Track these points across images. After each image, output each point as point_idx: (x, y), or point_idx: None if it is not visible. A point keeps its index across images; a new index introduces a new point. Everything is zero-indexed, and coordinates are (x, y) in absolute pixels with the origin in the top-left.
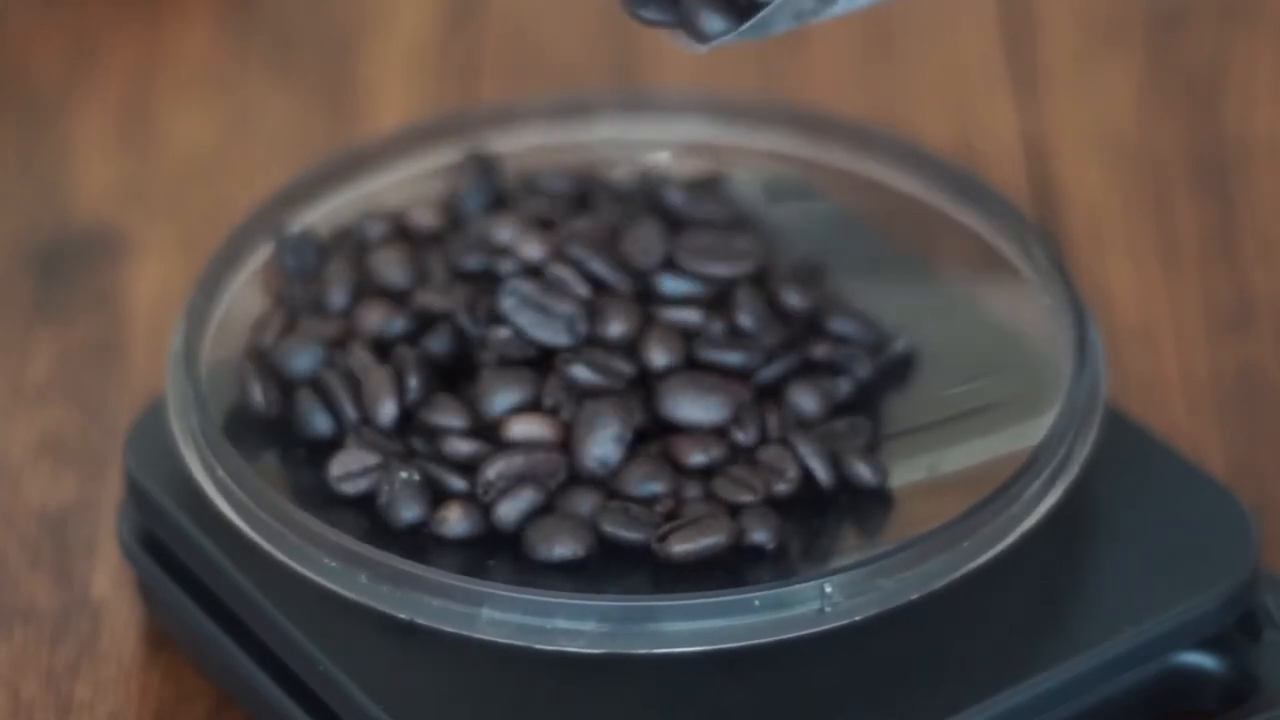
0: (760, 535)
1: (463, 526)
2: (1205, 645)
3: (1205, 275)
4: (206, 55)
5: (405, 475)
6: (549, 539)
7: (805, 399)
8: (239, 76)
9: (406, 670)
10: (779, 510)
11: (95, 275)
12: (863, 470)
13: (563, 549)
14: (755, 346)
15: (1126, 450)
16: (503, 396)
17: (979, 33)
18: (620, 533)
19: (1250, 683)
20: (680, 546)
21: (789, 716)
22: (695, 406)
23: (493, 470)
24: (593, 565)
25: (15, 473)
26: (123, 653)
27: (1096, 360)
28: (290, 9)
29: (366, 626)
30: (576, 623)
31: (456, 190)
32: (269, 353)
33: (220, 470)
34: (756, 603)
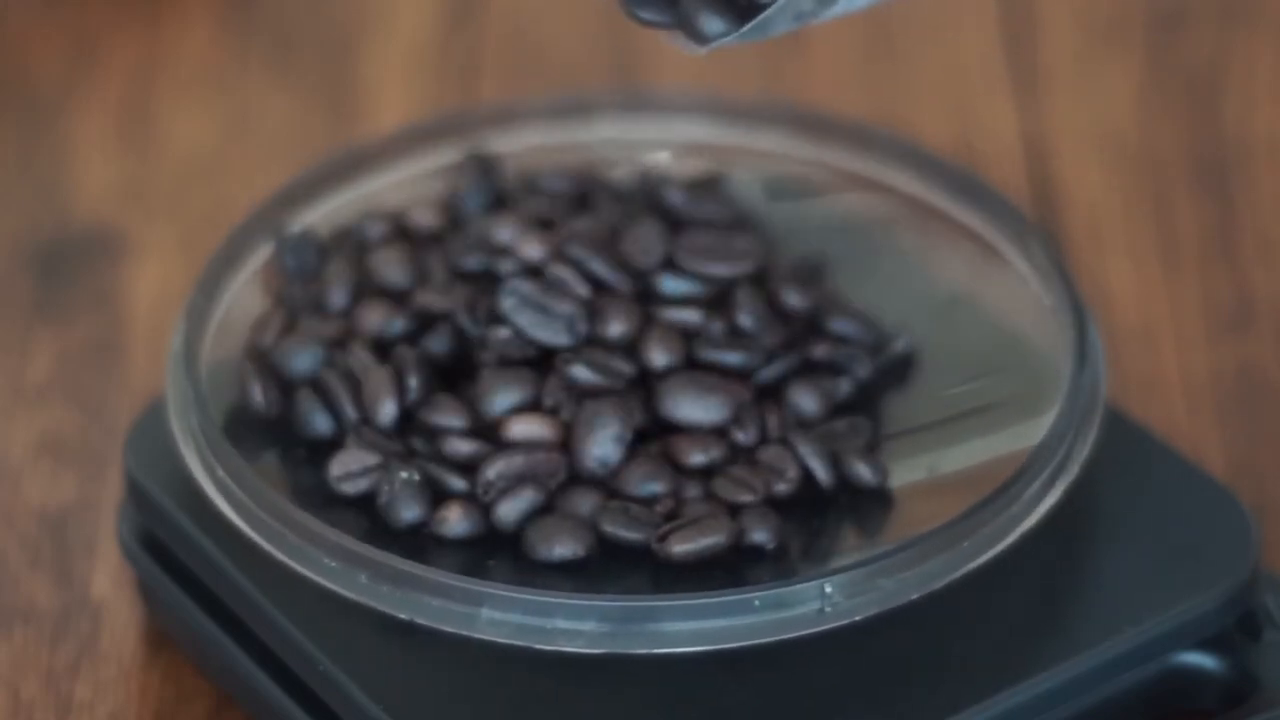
0: (760, 535)
1: (463, 526)
2: (1205, 645)
3: (1205, 275)
4: (206, 55)
5: (405, 475)
6: (549, 539)
7: (805, 399)
8: (239, 76)
9: (406, 670)
10: (779, 510)
11: (95, 275)
12: (863, 470)
13: (563, 549)
14: (755, 346)
15: (1126, 450)
16: (503, 396)
17: (979, 33)
18: (620, 533)
19: (1250, 683)
20: (680, 546)
21: (789, 716)
22: (695, 406)
23: (493, 470)
24: (593, 565)
25: (15, 473)
26: (123, 653)
27: (1096, 360)
28: (290, 9)
29: (366, 626)
30: (576, 623)
31: (456, 190)
32: (269, 353)
33: (220, 470)
34: (756, 603)
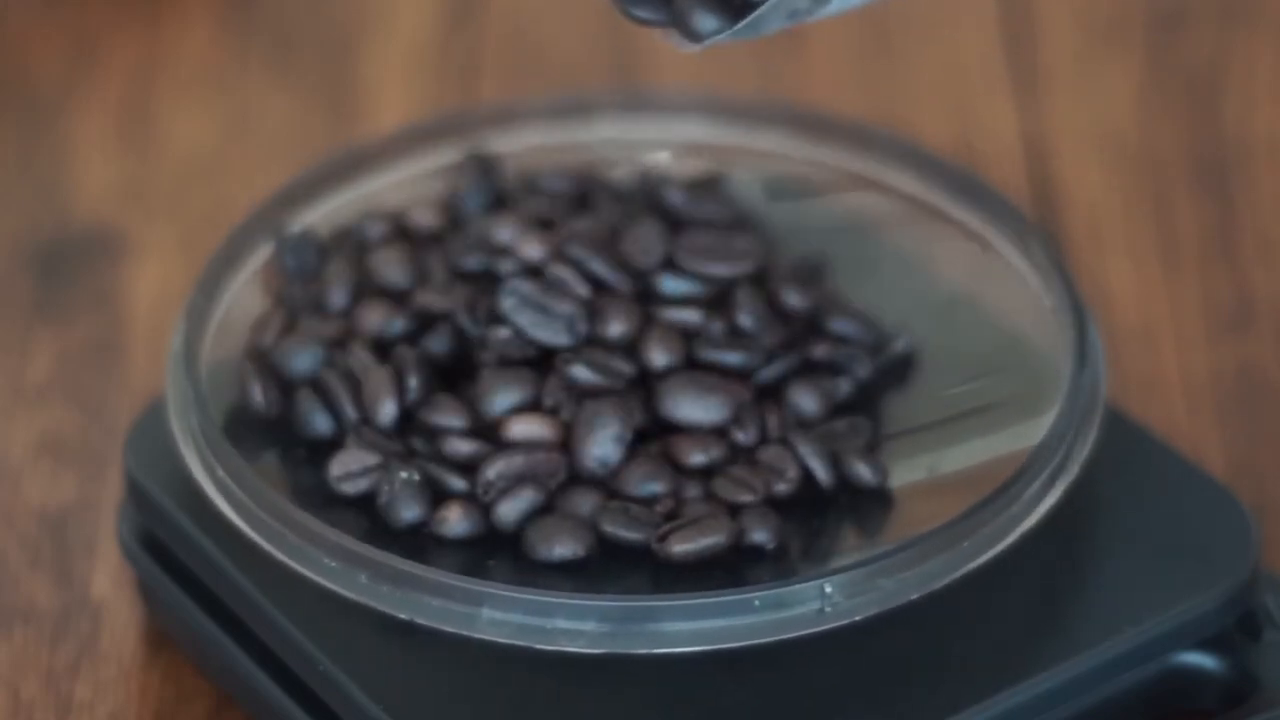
0: (760, 535)
1: (463, 526)
2: (1205, 645)
3: (1205, 275)
4: (206, 55)
5: (405, 475)
6: (549, 539)
7: (805, 399)
8: (239, 76)
9: (406, 670)
10: (779, 510)
11: (95, 275)
12: (863, 470)
13: (563, 549)
14: (755, 346)
15: (1126, 450)
16: (503, 396)
17: (979, 33)
18: (620, 533)
19: (1250, 683)
20: (680, 546)
21: (789, 716)
22: (695, 406)
23: (493, 470)
24: (593, 565)
25: (15, 473)
26: (123, 653)
27: (1096, 360)
28: (290, 9)
29: (366, 626)
30: (576, 623)
31: (456, 190)
32: (269, 353)
33: (220, 470)
34: (756, 603)
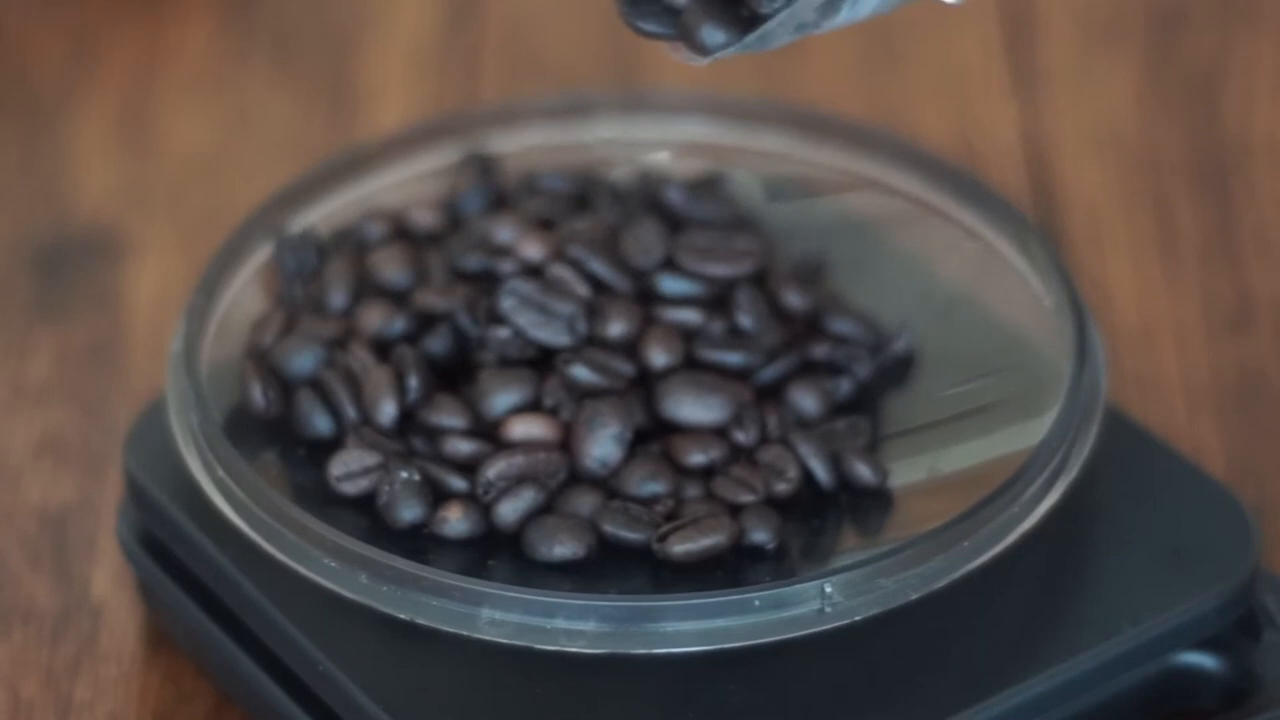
0: (760, 535)
1: (463, 526)
2: (1205, 645)
3: (1205, 275)
4: (206, 55)
5: (405, 475)
6: (549, 539)
7: (805, 399)
8: (239, 76)
9: (406, 670)
10: (779, 510)
11: (95, 275)
12: (863, 470)
13: (563, 549)
14: (755, 346)
15: (1126, 450)
16: (503, 396)
17: (979, 33)
18: (620, 533)
19: (1250, 683)
20: (680, 546)
21: (789, 716)
22: (695, 406)
23: (493, 470)
24: (593, 565)
25: (15, 473)
26: (123, 653)
27: (1096, 360)
28: (290, 9)
29: (366, 626)
30: (577, 623)
31: (456, 190)
32: (269, 353)
33: (220, 470)
34: (757, 603)
